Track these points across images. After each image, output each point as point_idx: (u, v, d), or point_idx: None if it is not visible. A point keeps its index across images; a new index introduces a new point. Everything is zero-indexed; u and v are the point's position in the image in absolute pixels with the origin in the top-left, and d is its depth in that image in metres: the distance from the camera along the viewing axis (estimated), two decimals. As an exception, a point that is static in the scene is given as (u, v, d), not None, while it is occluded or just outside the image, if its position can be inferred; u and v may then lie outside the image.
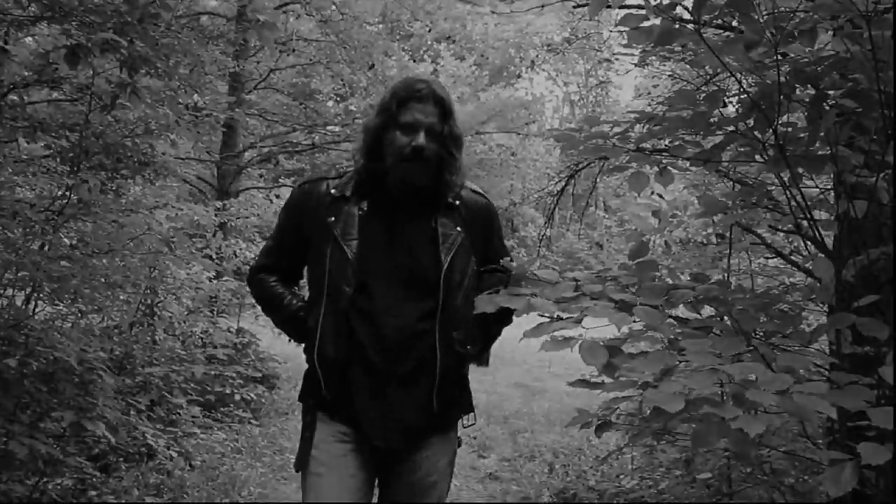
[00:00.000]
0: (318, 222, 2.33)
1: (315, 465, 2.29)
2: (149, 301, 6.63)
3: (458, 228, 2.35)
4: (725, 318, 1.97)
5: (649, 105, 7.34)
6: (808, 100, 2.08)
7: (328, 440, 2.29)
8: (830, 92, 2.07)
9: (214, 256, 7.75)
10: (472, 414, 2.45)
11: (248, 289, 2.67)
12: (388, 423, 2.25)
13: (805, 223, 2.16)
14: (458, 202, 2.39)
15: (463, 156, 2.41)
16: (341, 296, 2.25)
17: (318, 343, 2.26)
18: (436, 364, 2.25)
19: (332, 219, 2.31)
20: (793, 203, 2.15)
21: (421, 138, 2.27)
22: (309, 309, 2.35)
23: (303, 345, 2.37)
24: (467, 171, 2.46)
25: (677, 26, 1.94)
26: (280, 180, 13.66)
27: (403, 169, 2.28)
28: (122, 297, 5.75)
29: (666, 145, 2.39)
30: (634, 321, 1.86)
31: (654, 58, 6.09)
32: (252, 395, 7.55)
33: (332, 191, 2.36)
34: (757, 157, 2.22)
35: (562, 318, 1.90)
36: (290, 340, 2.57)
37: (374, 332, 2.23)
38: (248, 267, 5.86)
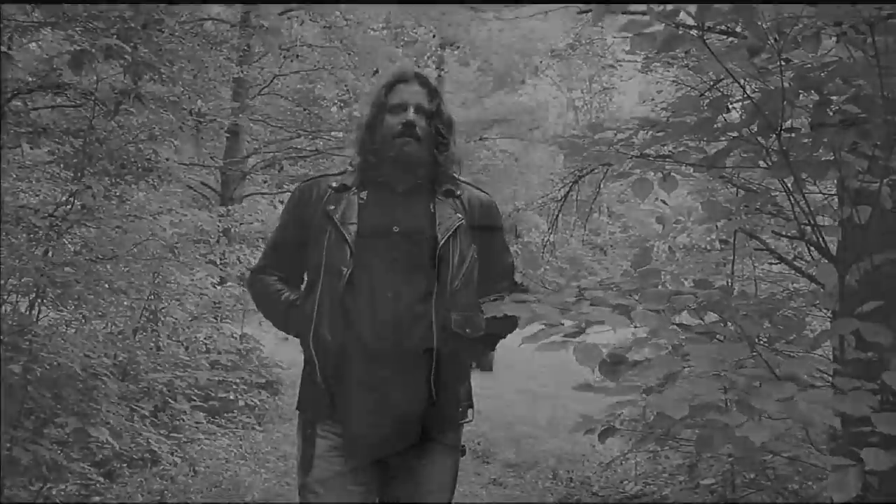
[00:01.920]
0: (319, 212, 2.33)
1: (312, 483, 2.29)
2: (152, 307, 6.63)
3: (459, 215, 2.34)
4: (729, 323, 1.97)
5: (653, 111, 7.35)
6: (811, 105, 2.07)
7: (326, 456, 2.28)
8: (834, 98, 2.07)
9: (218, 262, 7.75)
10: (470, 410, 2.39)
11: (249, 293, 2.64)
12: (381, 415, 2.19)
13: (808, 229, 2.16)
14: (459, 192, 2.40)
15: (456, 140, 2.42)
16: (338, 277, 2.22)
17: (314, 326, 2.22)
18: (433, 347, 2.19)
19: (332, 207, 2.32)
20: (796, 209, 2.15)
21: (410, 114, 2.30)
22: (306, 296, 2.31)
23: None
24: (462, 156, 2.47)
25: (681, 32, 1.93)
26: (284, 186, 13.68)
27: (397, 146, 2.30)
28: (125, 303, 5.76)
29: (670, 151, 2.39)
30: (635, 326, 1.86)
31: (657, 64, 6.11)
32: (256, 400, 7.55)
33: (333, 184, 2.38)
34: (760, 162, 2.22)
35: (563, 325, 1.89)
36: (286, 338, 2.56)
37: (370, 313, 2.19)
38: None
